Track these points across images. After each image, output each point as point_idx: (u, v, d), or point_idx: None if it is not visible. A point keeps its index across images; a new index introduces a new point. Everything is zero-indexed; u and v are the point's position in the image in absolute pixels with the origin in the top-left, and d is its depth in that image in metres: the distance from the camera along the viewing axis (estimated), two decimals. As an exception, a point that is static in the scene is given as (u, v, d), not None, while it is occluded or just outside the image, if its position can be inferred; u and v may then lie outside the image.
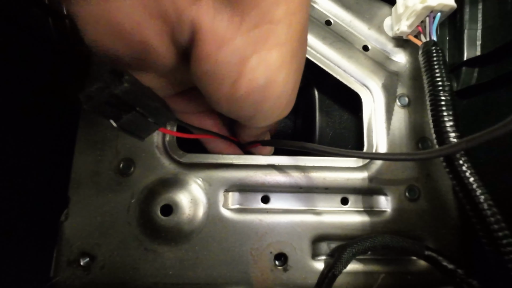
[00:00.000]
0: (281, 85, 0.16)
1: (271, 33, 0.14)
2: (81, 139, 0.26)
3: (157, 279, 0.24)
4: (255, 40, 0.14)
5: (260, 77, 0.15)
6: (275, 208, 0.26)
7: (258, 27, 0.14)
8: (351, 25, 0.31)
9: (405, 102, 0.29)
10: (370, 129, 0.29)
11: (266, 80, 0.15)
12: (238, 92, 0.15)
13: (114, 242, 0.24)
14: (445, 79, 0.23)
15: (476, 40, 0.28)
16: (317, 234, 0.26)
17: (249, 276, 0.25)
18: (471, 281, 0.23)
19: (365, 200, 0.27)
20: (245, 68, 0.15)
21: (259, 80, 0.15)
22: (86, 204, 0.25)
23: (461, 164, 0.21)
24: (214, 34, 0.13)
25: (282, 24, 0.14)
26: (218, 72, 0.15)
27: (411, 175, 0.27)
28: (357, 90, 0.29)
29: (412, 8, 0.26)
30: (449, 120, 0.22)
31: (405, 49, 0.31)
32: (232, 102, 0.16)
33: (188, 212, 0.25)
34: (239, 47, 0.14)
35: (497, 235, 0.19)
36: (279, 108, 0.18)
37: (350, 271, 0.25)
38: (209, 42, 0.14)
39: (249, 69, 0.15)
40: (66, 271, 0.24)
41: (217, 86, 0.15)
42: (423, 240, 0.26)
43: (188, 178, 0.26)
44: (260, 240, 0.25)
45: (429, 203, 0.27)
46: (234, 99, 0.16)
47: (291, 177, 0.27)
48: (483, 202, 0.20)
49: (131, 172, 0.26)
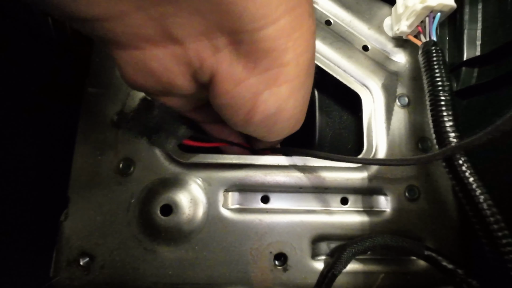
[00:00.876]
0: (290, 110, 0.18)
1: (280, 73, 0.16)
2: (81, 139, 0.26)
3: (157, 279, 0.24)
4: (266, 79, 0.16)
5: (272, 107, 0.17)
6: (275, 208, 0.26)
7: (269, 70, 0.16)
8: (351, 25, 0.31)
9: (405, 102, 0.29)
10: (370, 129, 0.29)
11: (277, 109, 0.18)
12: (252, 119, 0.18)
13: (113, 242, 0.24)
14: (445, 79, 0.23)
15: (476, 40, 0.28)
16: (316, 234, 0.26)
17: (248, 276, 0.25)
18: (470, 281, 0.23)
19: (364, 200, 0.27)
20: (258, 100, 0.17)
21: (270, 110, 0.17)
22: (86, 204, 0.25)
23: (460, 164, 0.21)
24: (230, 76, 0.16)
25: (290, 66, 0.16)
26: (234, 104, 0.17)
27: (411, 175, 0.27)
28: (357, 90, 0.29)
29: (412, 8, 0.26)
30: (448, 120, 0.22)
31: (405, 49, 0.31)
32: (247, 126, 0.19)
33: (188, 212, 0.25)
34: (252, 85, 0.16)
35: (497, 235, 0.19)
36: (288, 128, 0.21)
37: (349, 271, 0.25)
38: (226, 82, 0.16)
39: (261, 101, 0.17)
40: (66, 271, 0.24)
41: (233, 114, 0.18)
42: (422, 240, 0.26)
43: (188, 178, 0.26)
44: (260, 240, 0.25)
45: (429, 203, 0.27)
46: (249, 124, 0.18)
47: (291, 177, 0.27)
48: (482, 202, 0.20)
49: (131, 172, 0.26)
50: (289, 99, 0.18)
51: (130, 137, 0.26)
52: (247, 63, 0.15)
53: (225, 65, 0.15)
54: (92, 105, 0.27)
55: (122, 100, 0.27)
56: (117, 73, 0.27)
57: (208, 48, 0.15)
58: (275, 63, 0.16)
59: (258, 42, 0.15)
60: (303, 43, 0.16)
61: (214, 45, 0.15)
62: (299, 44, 0.16)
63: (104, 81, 0.27)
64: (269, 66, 0.16)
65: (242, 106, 0.17)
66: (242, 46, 0.15)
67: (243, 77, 0.16)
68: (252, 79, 0.16)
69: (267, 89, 0.16)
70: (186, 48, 0.15)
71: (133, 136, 0.19)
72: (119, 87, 0.27)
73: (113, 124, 0.26)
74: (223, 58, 0.15)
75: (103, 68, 0.28)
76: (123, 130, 0.26)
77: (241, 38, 0.14)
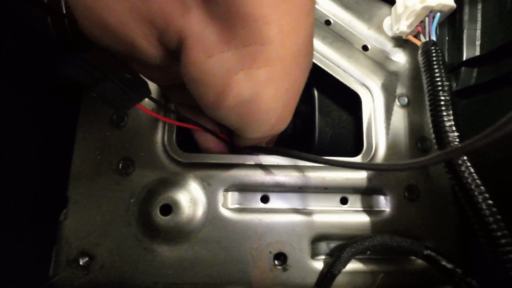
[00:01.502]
0: (269, 101, 0.16)
1: (260, 52, 0.14)
2: (80, 139, 0.26)
3: (156, 278, 0.24)
4: (243, 57, 0.14)
5: (246, 92, 0.15)
6: (275, 207, 0.26)
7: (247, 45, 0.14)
8: (351, 25, 0.31)
9: (405, 102, 0.29)
10: (369, 129, 0.29)
11: (252, 95, 0.15)
12: (223, 103, 0.16)
13: (113, 241, 0.24)
14: (444, 79, 0.23)
15: (476, 40, 0.28)
16: (316, 234, 0.26)
17: (248, 276, 0.25)
18: (470, 281, 0.23)
19: (364, 199, 0.27)
20: (231, 81, 0.15)
21: (244, 95, 0.15)
22: (85, 203, 0.25)
23: (460, 164, 0.21)
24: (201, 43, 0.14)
25: (272, 45, 0.14)
26: (204, 80, 0.15)
27: (411, 175, 0.27)
28: (356, 90, 0.29)
29: (411, 8, 0.26)
30: (448, 120, 0.22)
31: (404, 49, 0.31)
32: (218, 110, 0.17)
33: (188, 211, 0.25)
34: (226, 61, 0.14)
35: (496, 235, 0.19)
36: (267, 123, 0.18)
37: (349, 270, 0.25)
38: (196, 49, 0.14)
39: (235, 83, 0.15)
40: (65, 270, 0.24)
41: (203, 93, 0.16)
42: (422, 240, 0.26)
43: (188, 178, 0.26)
44: (259, 240, 0.25)
45: (428, 203, 0.27)
46: (220, 108, 0.16)
47: (290, 176, 0.27)
48: (481, 202, 0.20)
49: (130, 171, 0.26)
50: (268, 86, 0.15)
51: (130, 136, 0.26)
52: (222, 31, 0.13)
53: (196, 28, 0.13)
54: (91, 105, 0.27)
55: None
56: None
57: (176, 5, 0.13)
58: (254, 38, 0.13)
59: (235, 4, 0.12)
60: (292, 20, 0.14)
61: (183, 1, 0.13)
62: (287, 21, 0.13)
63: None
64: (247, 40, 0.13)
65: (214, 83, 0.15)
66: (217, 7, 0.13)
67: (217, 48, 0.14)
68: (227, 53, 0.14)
69: (243, 69, 0.14)
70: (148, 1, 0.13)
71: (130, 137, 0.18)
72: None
73: (112, 123, 0.26)
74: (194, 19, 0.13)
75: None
76: (122, 130, 0.26)
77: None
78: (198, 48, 0.14)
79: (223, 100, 0.16)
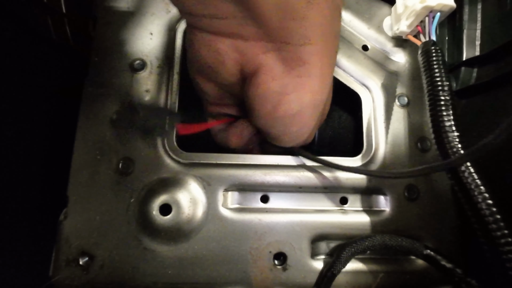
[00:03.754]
0: (307, 117, 0.22)
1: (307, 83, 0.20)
2: (80, 139, 0.26)
3: (156, 278, 0.24)
4: (296, 84, 0.20)
5: (294, 108, 0.21)
6: (275, 207, 0.27)
7: (299, 77, 0.20)
8: (351, 25, 0.31)
9: (405, 102, 0.29)
10: (369, 129, 0.29)
11: (297, 111, 0.21)
12: (276, 113, 0.21)
13: (113, 241, 0.24)
14: (444, 79, 0.23)
15: (475, 40, 0.28)
16: (316, 234, 0.26)
17: (248, 276, 0.25)
18: (469, 280, 0.23)
19: (364, 199, 0.27)
20: (285, 98, 0.21)
21: (292, 110, 0.21)
22: (85, 203, 0.25)
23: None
24: (271, 71, 0.20)
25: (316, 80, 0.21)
26: (267, 96, 0.21)
27: (410, 175, 0.28)
28: (356, 90, 0.30)
29: (411, 8, 0.27)
30: (448, 120, 0.22)
31: (404, 49, 0.31)
32: (270, 119, 0.22)
33: (188, 211, 0.25)
34: (285, 84, 0.20)
35: (495, 235, 0.19)
36: (302, 136, 0.24)
37: (349, 270, 0.25)
38: (266, 74, 0.20)
39: (287, 100, 0.21)
40: (65, 270, 0.24)
41: (262, 105, 0.21)
42: (422, 240, 0.26)
43: (188, 178, 0.26)
44: (259, 240, 0.25)
45: (428, 203, 0.27)
46: (272, 118, 0.22)
47: (290, 176, 0.27)
48: (481, 202, 0.20)
49: (130, 171, 0.26)
50: (309, 107, 0.22)
51: (129, 137, 0.26)
52: (286, 66, 0.20)
53: (270, 62, 0.20)
54: (91, 105, 0.27)
55: (121, 99, 0.27)
56: (117, 73, 0.27)
57: (262, 48, 0.20)
58: (305, 73, 0.20)
59: (298, 53, 0.19)
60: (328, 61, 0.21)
61: (267, 47, 0.20)
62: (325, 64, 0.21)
63: (103, 80, 0.27)
64: (301, 73, 0.20)
65: (271, 98, 0.21)
66: (287, 54, 0.19)
67: (280, 75, 0.20)
68: (286, 79, 0.20)
69: (295, 92, 0.20)
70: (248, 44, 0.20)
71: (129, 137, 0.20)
72: (119, 87, 0.27)
73: (112, 123, 0.26)
74: (270, 57, 0.20)
75: (103, 68, 0.28)
76: (122, 129, 0.26)
77: (288, 47, 0.19)
78: (268, 74, 0.20)
79: (276, 111, 0.21)
